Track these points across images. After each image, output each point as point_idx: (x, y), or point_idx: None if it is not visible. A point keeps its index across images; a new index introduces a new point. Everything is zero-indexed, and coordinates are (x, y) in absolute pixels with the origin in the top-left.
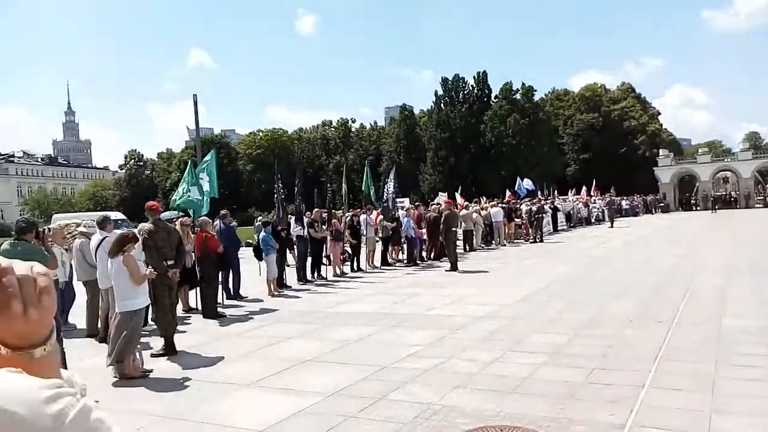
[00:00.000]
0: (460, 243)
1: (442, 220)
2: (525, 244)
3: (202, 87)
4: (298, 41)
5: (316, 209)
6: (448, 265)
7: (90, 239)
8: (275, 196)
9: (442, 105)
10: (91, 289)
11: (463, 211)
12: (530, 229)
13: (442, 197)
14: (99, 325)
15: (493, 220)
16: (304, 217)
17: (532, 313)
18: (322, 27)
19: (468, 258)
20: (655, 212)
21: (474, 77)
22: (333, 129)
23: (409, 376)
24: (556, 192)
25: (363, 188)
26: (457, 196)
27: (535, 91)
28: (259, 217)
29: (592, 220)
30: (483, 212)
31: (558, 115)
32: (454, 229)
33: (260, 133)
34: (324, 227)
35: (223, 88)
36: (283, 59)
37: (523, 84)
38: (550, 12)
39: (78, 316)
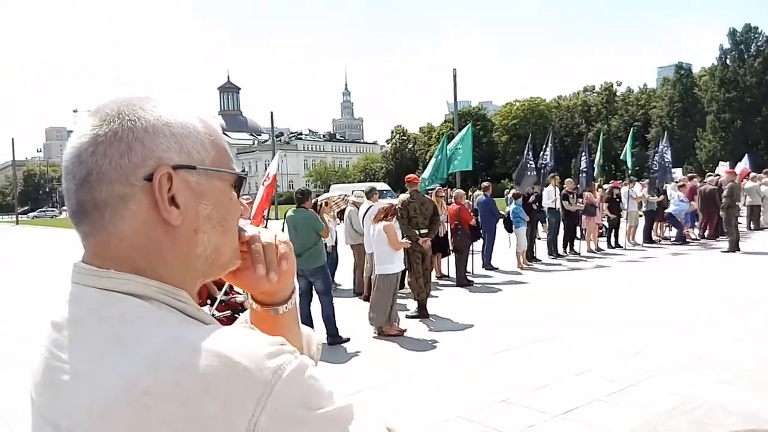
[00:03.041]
0: (743, 221)
1: (725, 193)
2: None
3: (461, 61)
4: (560, 1)
5: (568, 180)
6: (725, 245)
7: (359, 208)
8: (521, 165)
9: (728, 60)
10: (357, 253)
11: (749, 183)
12: None
13: (722, 167)
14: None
15: None
16: (557, 189)
17: None
18: None
19: (752, 238)
20: None
21: None
22: (595, 94)
23: (668, 363)
24: None
25: (621, 157)
26: (740, 165)
27: None
28: (513, 189)
29: None
30: None
31: None
32: (737, 204)
33: (516, 103)
34: (579, 199)
35: (482, 59)
36: (544, 23)
37: None
38: None
39: (344, 276)
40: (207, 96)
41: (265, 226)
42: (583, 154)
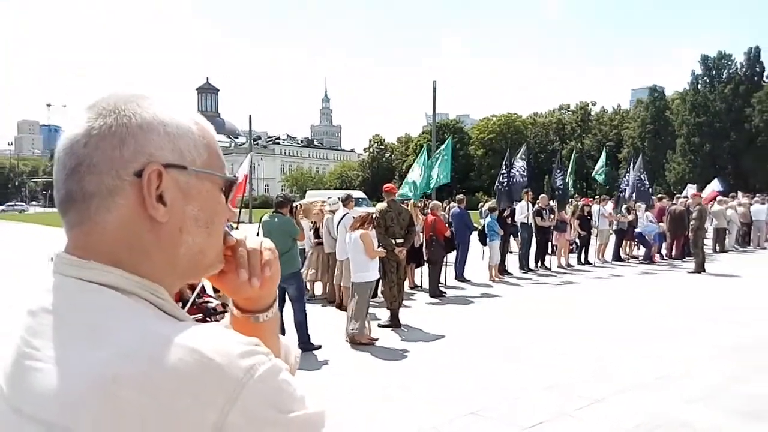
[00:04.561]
0: (709, 243)
1: (694, 215)
2: None
3: (440, 74)
4: (538, 21)
5: (542, 196)
6: (691, 266)
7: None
8: (498, 180)
9: (699, 86)
10: (333, 260)
11: (716, 207)
12: None
13: (691, 189)
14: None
15: (753, 218)
16: (530, 204)
17: None
18: (565, 4)
19: (717, 260)
20: None
21: (745, 54)
22: (570, 113)
23: (635, 379)
24: None
25: (593, 175)
26: (709, 188)
27: None
28: (489, 203)
29: None
30: (740, 209)
31: None
32: (704, 226)
33: (493, 118)
34: (552, 215)
35: (461, 74)
36: (522, 41)
37: None
38: None
39: (316, 283)
40: (184, 96)
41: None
42: (558, 171)
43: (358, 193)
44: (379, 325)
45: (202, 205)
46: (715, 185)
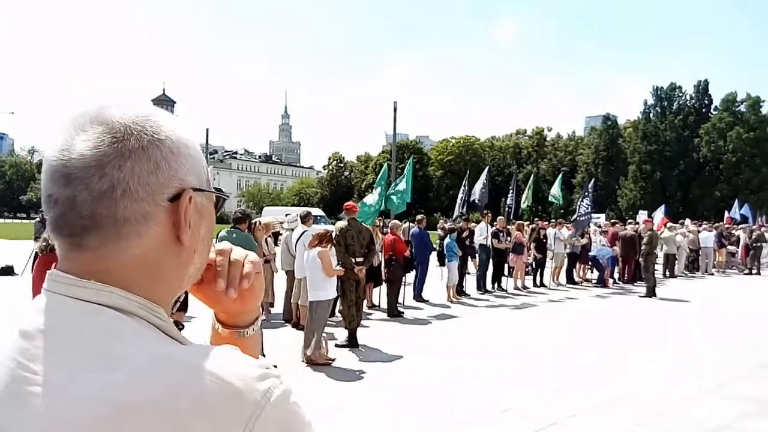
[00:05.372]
0: (659, 268)
1: (645, 241)
2: (738, 276)
3: (400, 94)
4: (495, 47)
5: (500, 218)
6: (642, 290)
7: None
8: (458, 201)
9: (651, 115)
10: (291, 279)
11: (666, 233)
12: (746, 259)
13: (642, 215)
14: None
15: (701, 245)
16: (488, 226)
17: (739, 355)
18: (520, 31)
19: (667, 284)
20: None
21: (694, 86)
22: (527, 137)
23: (588, 403)
24: None
25: (550, 199)
26: (657, 214)
27: (764, 102)
28: (448, 223)
29: None
30: (689, 235)
31: None
32: (654, 251)
33: (452, 140)
34: (509, 238)
35: (420, 95)
36: (480, 66)
37: (748, 94)
38: None
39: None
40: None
41: None
42: (511, 191)
43: (316, 211)
44: (337, 345)
45: (209, 224)
46: (659, 213)
